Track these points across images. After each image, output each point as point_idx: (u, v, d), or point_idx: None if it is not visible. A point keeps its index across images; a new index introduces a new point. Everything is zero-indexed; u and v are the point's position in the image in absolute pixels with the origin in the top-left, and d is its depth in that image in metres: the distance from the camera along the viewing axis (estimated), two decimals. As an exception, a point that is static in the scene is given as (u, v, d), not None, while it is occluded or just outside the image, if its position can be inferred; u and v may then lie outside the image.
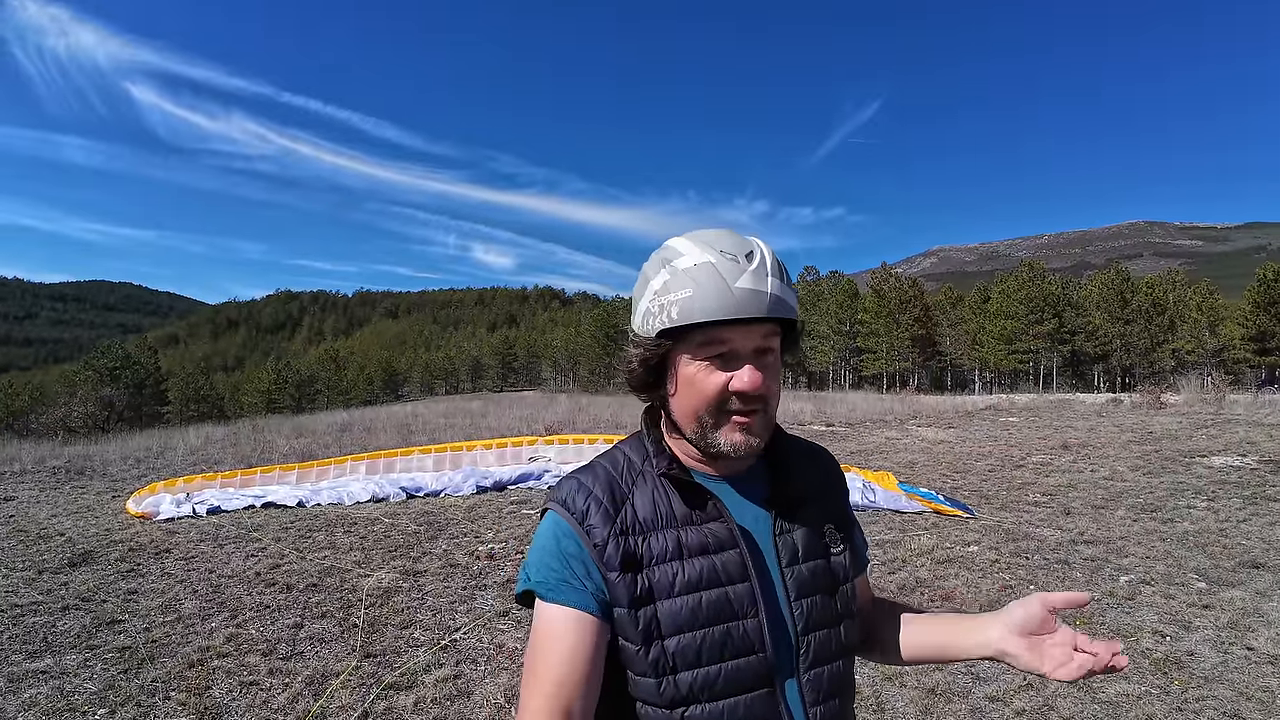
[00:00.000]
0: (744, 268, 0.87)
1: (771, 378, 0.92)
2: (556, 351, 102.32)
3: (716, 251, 0.88)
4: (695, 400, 0.91)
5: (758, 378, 0.88)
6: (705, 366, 0.90)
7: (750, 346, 0.89)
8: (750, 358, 0.89)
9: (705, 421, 0.91)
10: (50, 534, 7.03)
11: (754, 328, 0.89)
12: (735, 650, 0.89)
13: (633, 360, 0.95)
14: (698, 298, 0.86)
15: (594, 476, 0.97)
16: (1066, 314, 59.37)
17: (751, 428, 0.91)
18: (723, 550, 0.92)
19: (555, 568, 0.91)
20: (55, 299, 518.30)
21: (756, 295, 0.86)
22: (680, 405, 0.94)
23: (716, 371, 0.89)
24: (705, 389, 0.90)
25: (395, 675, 3.71)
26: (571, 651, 0.87)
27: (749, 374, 0.88)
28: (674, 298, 0.88)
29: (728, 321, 0.86)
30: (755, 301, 0.86)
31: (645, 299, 0.93)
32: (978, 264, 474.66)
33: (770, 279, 0.88)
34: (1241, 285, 60.05)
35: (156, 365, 60.91)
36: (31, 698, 3.47)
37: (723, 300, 0.85)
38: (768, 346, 0.91)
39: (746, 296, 0.86)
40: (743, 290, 0.86)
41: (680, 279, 0.88)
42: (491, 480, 9.16)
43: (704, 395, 0.90)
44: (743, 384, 0.88)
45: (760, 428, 0.92)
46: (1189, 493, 7.62)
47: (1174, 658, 3.68)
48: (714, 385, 0.89)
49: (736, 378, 0.88)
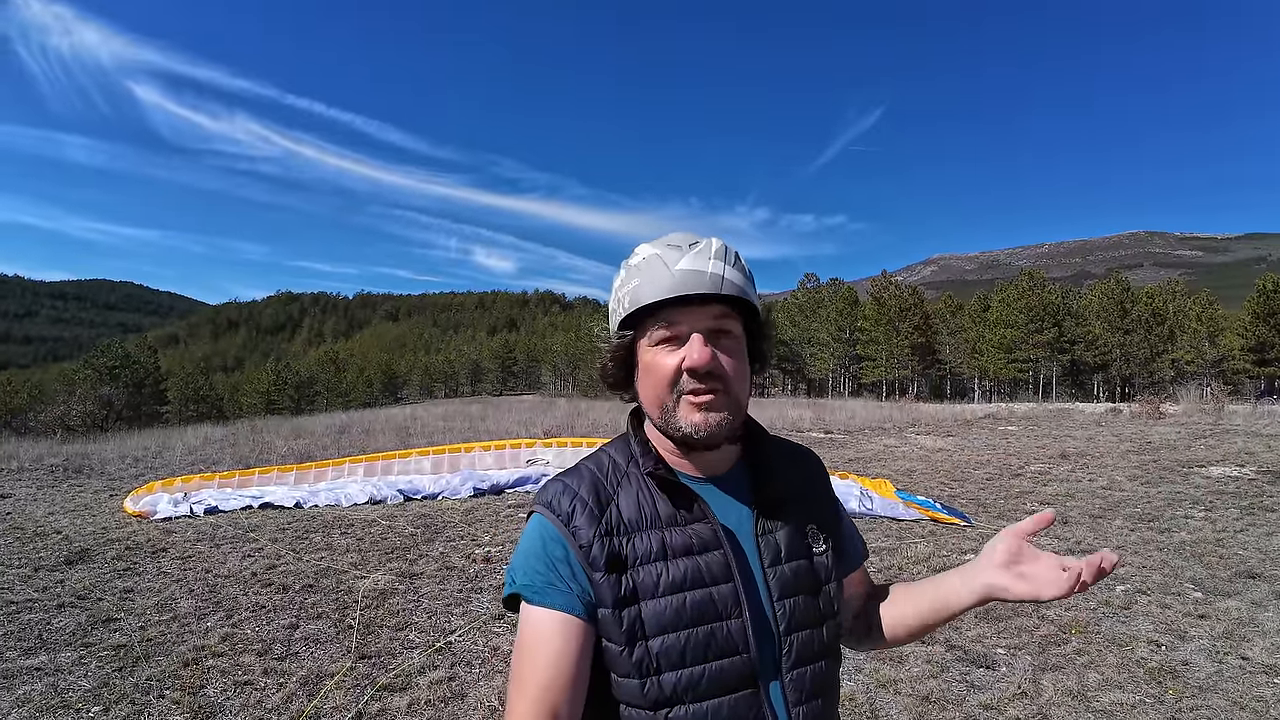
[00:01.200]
0: (686, 252, 0.92)
1: (731, 359, 0.93)
2: (556, 356, 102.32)
3: (664, 245, 0.94)
4: (653, 383, 0.94)
5: (706, 352, 0.90)
6: (660, 350, 0.93)
7: (701, 326, 0.91)
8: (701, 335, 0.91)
9: (666, 405, 0.93)
10: (47, 532, 7.03)
11: (703, 309, 0.91)
12: (719, 651, 0.90)
13: (605, 357, 1.00)
14: (643, 284, 0.92)
15: (579, 478, 0.98)
16: (1066, 323, 59.39)
17: (711, 405, 0.91)
18: (707, 551, 0.93)
19: (541, 570, 0.92)
20: (55, 297, 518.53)
21: (696, 274, 0.90)
22: (645, 393, 0.97)
23: (671, 352, 0.92)
24: (659, 371, 0.93)
25: (390, 677, 3.71)
26: (557, 654, 0.87)
27: (697, 349, 0.90)
28: (626, 290, 0.94)
29: (676, 303, 0.91)
30: (695, 279, 0.90)
31: (611, 300, 0.99)
32: (978, 273, 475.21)
33: (712, 260, 0.91)
34: (1241, 296, 60.09)
35: (156, 365, 60.87)
36: (25, 694, 3.47)
37: (664, 282, 0.90)
38: (721, 328, 0.93)
39: (686, 276, 0.90)
40: (682, 270, 0.90)
41: (632, 273, 0.95)
42: (489, 483, 9.16)
43: (659, 377, 0.93)
44: (692, 359, 0.89)
45: (722, 406, 0.92)
46: (1186, 503, 7.62)
47: (1169, 667, 3.68)
48: (668, 366, 0.92)
49: (687, 355, 0.90)
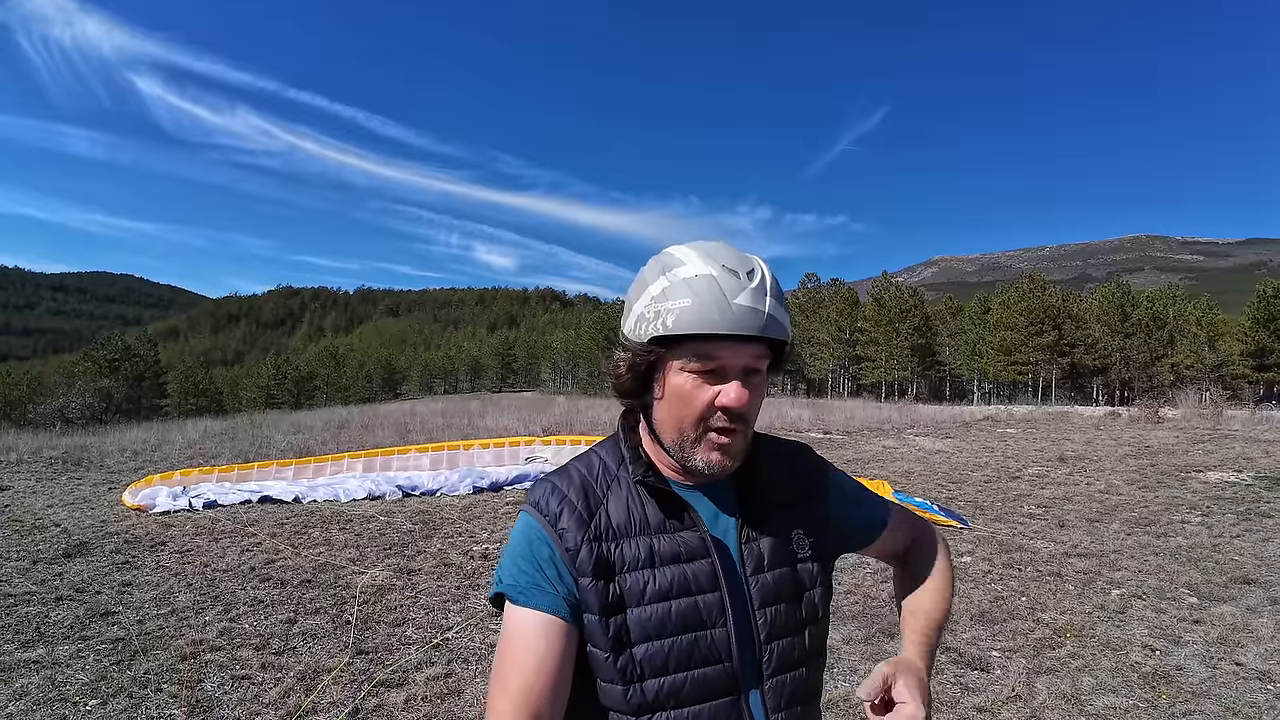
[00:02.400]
0: (744, 285, 0.86)
1: (756, 398, 0.91)
2: (556, 353, 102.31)
3: (718, 265, 0.87)
4: (681, 412, 0.91)
5: (744, 395, 0.88)
6: (694, 380, 0.89)
7: (740, 364, 0.89)
8: (739, 376, 0.89)
9: (686, 435, 0.91)
10: (45, 524, 7.04)
11: (746, 346, 0.88)
12: (702, 659, 0.90)
13: (621, 364, 0.94)
14: (695, 308, 0.85)
15: (568, 480, 0.97)
16: (1066, 326, 59.37)
17: (729, 448, 0.91)
18: (694, 559, 0.93)
19: (527, 571, 0.91)
20: (56, 289, 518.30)
21: (754, 313, 0.86)
22: (664, 415, 0.93)
23: (705, 386, 0.89)
24: (692, 402, 0.89)
25: (387, 672, 3.72)
26: (540, 656, 0.87)
27: (736, 390, 0.88)
28: (671, 305, 0.87)
29: (722, 337, 0.86)
30: (752, 320, 0.86)
31: (641, 303, 0.91)
32: (978, 274, 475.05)
33: (768, 299, 0.88)
34: (1242, 301, 60.08)
35: (156, 358, 60.83)
36: (23, 687, 3.48)
37: (721, 314, 0.85)
38: (756, 367, 0.91)
39: (744, 314, 0.85)
40: (740, 307, 0.85)
41: (679, 288, 0.87)
42: (488, 480, 9.17)
43: (690, 408, 0.90)
44: (729, 400, 0.88)
45: (737, 450, 0.93)
46: (1184, 508, 7.63)
47: (1163, 672, 3.69)
48: (701, 399, 0.89)
49: (724, 393, 0.88)
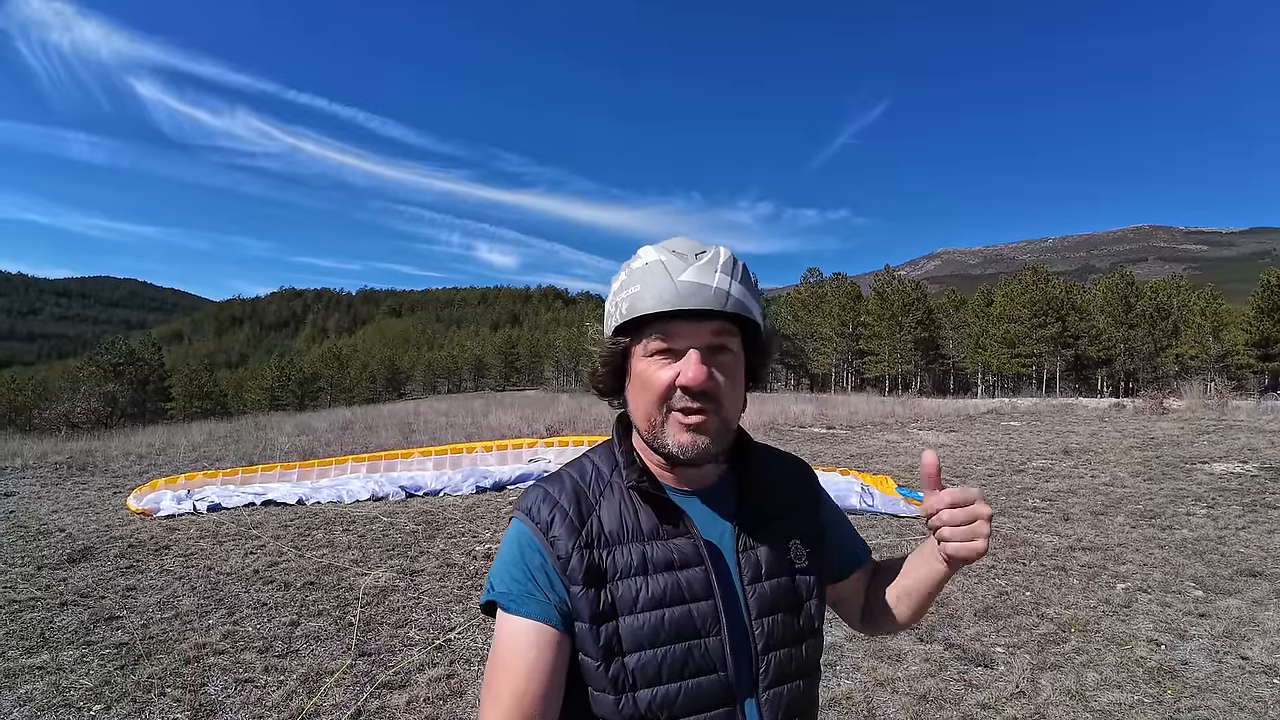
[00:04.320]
0: (691, 263, 0.88)
1: (726, 378, 0.90)
2: (559, 351, 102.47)
3: (669, 251, 0.90)
4: (645, 396, 0.91)
5: (701, 371, 0.86)
6: (655, 361, 0.89)
7: (700, 343, 0.88)
8: (703, 355, 0.88)
9: (654, 419, 0.90)
10: (50, 529, 7.06)
11: (703, 323, 0.88)
12: (696, 669, 0.88)
13: (595, 361, 0.97)
14: (643, 291, 0.88)
15: (560, 486, 0.96)
16: (1070, 318, 59.19)
17: (701, 427, 0.89)
18: (688, 566, 0.91)
19: (519, 579, 0.90)
20: (60, 294, 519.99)
21: (700, 288, 0.86)
22: (634, 404, 0.94)
23: (666, 366, 0.89)
24: (652, 384, 0.89)
25: (389, 674, 3.72)
26: (531, 665, 0.85)
27: (693, 367, 0.86)
28: (625, 295, 0.90)
29: (676, 316, 0.87)
30: (699, 294, 0.86)
31: (609, 301, 0.95)
32: (981, 267, 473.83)
33: (718, 274, 0.88)
34: (1246, 290, 59.85)
35: (160, 361, 60.97)
36: (27, 693, 3.49)
37: (666, 292, 0.86)
38: (721, 344, 0.90)
39: (689, 288, 0.86)
40: (685, 282, 0.86)
41: (633, 277, 0.90)
42: (491, 480, 9.18)
43: (651, 390, 0.89)
44: (687, 377, 0.86)
45: (711, 429, 0.89)
46: (1189, 499, 7.61)
47: (1168, 667, 3.67)
48: (661, 380, 0.89)
49: (682, 372, 0.87)
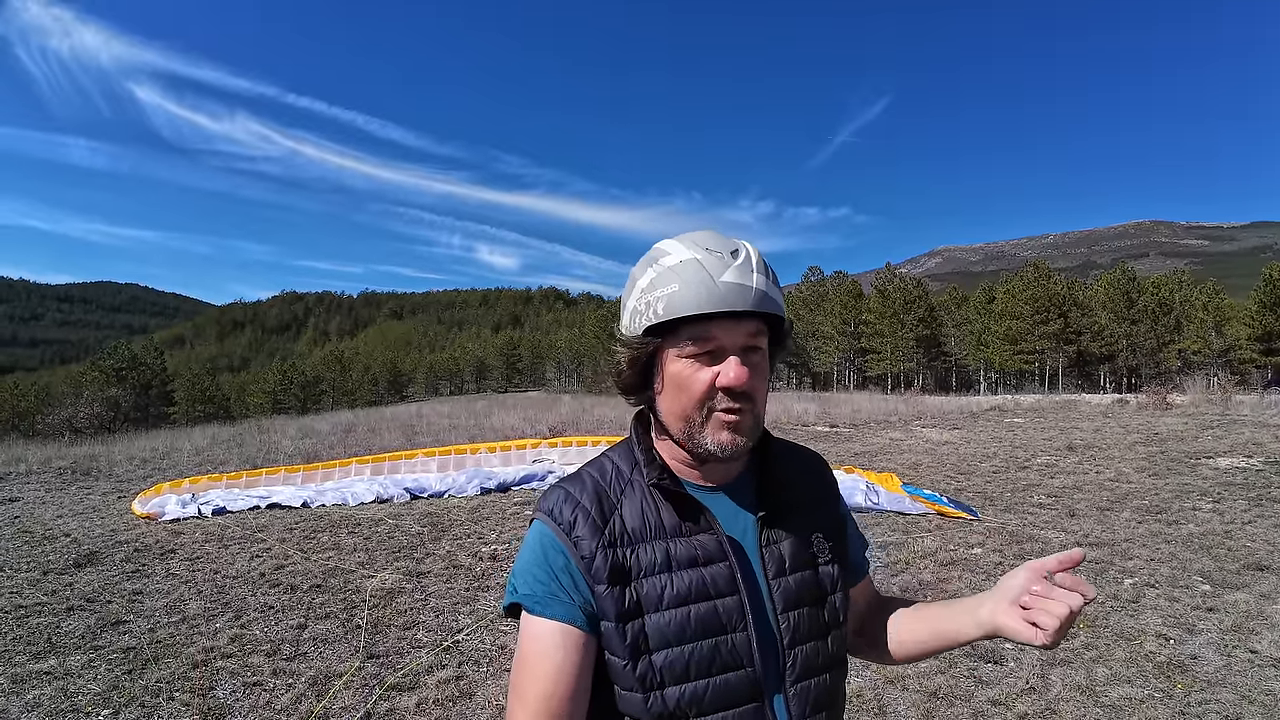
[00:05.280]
0: (729, 263, 0.87)
1: (758, 377, 0.90)
2: (560, 352, 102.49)
3: (702, 249, 0.88)
4: (682, 398, 0.89)
5: (744, 372, 0.87)
6: (692, 364, 0.88)
7: (737, 343, 0.88)
8: (737, 355, 0.88)
9: (693, 420, 0.89)
10: (55, 535, 7.07)
11: (740, 324, 0.88)
12: (723, 665, 0.88)
13: (620, 361, 0.94)
14: (683, 291, 0.86)
15: (581, 486, 0.96)
16: (1072, 314, 59.10)
17: (739, 426, 0.89)
18: (712, 563, 0.91)
19: (543, 580, 0.90)
20: (61, 300, 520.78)
21: (742, 289, 0.86)
22: (667, 405, 0.92)
23: (703, 368, 0.88)
24: (692, 386, 0.88)
25: (398, 676, 3.72)
26: (558, 667, 0.86)
27: (734, 368, 0.86)
28: (660, 294, 0.88)
29: (714, 317, 0.86)
30: (740, 295, 0.86)
31: (633, 298, 0.92)
32: (983, 264, 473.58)
33: (755, 274, 0.87)
34: (1248, 285, 59.72)
35: (162, 366, 61.10)
36: (35, 699, 3.49)
37: (708, 293, 0.85)
38: (754, 345, 0.90)
39: (731, 290, 0.85)
40: (727, 284, 0.85)
41: (666, 275, 0.88)
42: (495, 481, 9.18)
43: (691, 392, 0.88)
44: (729, 379, 0.86)
45: (748, 427, 0.90)
46: (1194, 494, 7.59)
47: (1177, 661, 3.66)
48: (701, 382, 0.88)
49: (723, 373, 0.87)
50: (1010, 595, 0.90)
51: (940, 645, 1.02)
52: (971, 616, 0.94)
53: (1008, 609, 0.89)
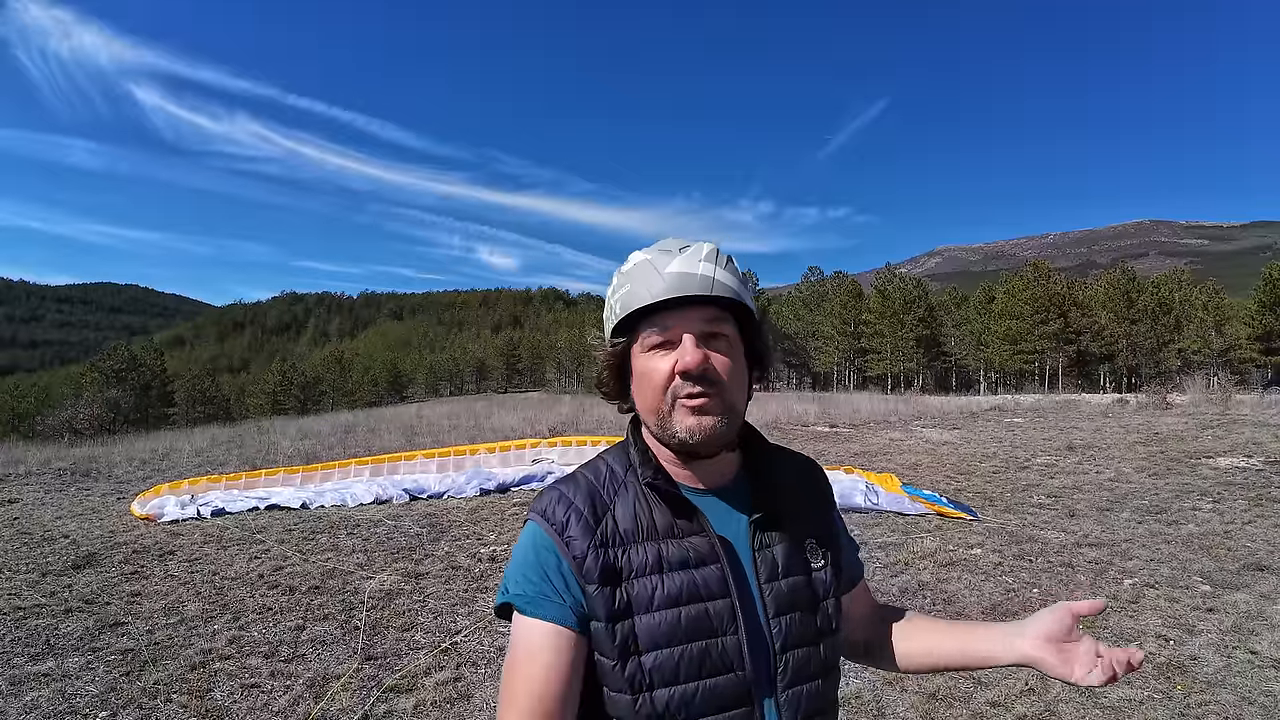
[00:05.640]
0: (676, 255, 0.91)
1: (722, 361, 0.91)
2: (561, 353, 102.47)
3: (656, 250, 0.94)
4: (647, 390, 0.93)
5: (698, 354, 0.88)
6: (653, 355, 0.92)
7: (694, 330, 0.90)
8: (699, 341, 0.90)
9: (661, 411, 0.92)
10: (54, 536, 7.06)
11: (694, 311, 0.91)
12: (713, 668, 0.88)
13: (599, 366, 0.99)
14: (634, 288, 0.91)
15: (575, 487, 0.96)
16: (1072, 314, 59.15)
17: (705, 408, 0.90)
18: (703, 565, 0.91)
19: (534, 580, 0.90)
20: (61, 301, 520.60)
21: (685, 276, 0.89)
22: (640, 400, 0.95)
23: (664, 357, 0.91)
24: (654, 376, 0.91)
25: (396, 678, 3.72)
26: (549, 667, 0.86)
27: (689, 352, 0.88)
28: (618, 296, 0.94)
29: (666, 306, 0.90)
30: (685, 281, 0.89)
31: (605, 308, 0.98)
32: (983, 264, 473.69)
33: (703, 263, 0.91)
34: (1248, 284, 59.81)
35: (162, 367, 61.17)
36: (33, 700, 3.49)
37: (654, 285, 0.90)
38: (715, 331, 0.92)
39: (676, 278, 0.89)
40: (672, 273, 0.90)
41: (623, 279, 0.94)
42: (494, 482, 9.17)
43: (654, 381, 0.91)
44: (685, 362, 0.88)
45: (716, 410, 0.90)
46: (1194, 494, 7.58)
47: (1177, 662, 3.66)
48: (661, 371, 0.90)
49: (679, 359, 0.89)
50: (1048, 631, 0.94)
51: (966, 664, 1.04)
52: (1006, 643, 0.97)
53: (1046, 644, 0.93)
